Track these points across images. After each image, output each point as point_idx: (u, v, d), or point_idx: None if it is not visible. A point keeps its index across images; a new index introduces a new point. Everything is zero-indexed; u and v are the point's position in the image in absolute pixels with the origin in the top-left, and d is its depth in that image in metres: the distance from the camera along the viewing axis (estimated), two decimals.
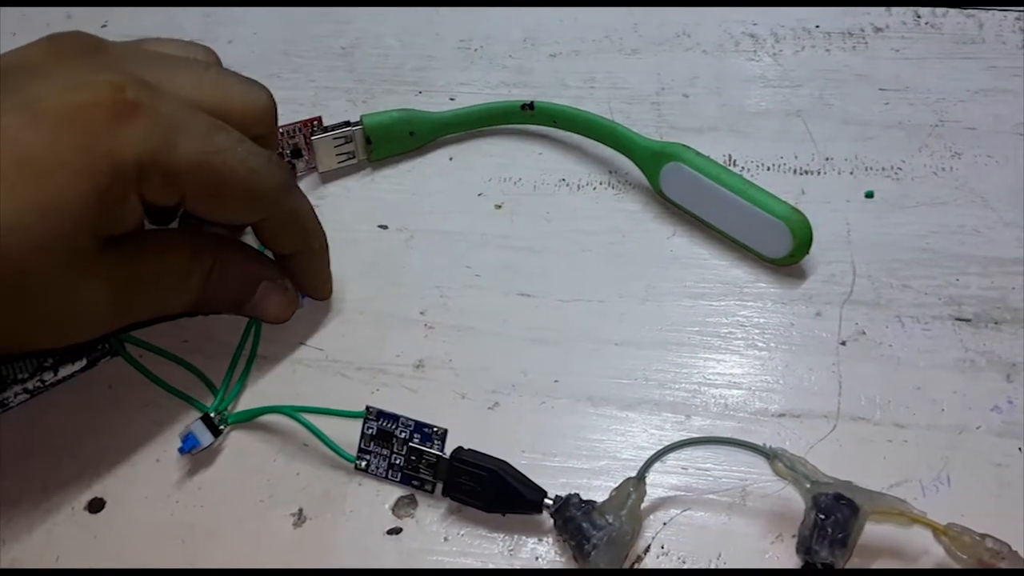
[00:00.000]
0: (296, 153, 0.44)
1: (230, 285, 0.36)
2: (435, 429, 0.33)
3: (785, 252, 0.38)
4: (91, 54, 0.33)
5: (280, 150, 0.43)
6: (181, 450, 0.34)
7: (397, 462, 0.33)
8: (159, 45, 0.36)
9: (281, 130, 0.43)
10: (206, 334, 0.39)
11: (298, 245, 0.37)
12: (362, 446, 0.34)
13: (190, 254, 0.35)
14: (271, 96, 0.36)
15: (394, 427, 0.33)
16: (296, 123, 0.43)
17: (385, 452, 0.33)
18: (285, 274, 0.38)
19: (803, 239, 0.38)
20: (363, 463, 0.34)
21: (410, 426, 0.33)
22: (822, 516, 0.30)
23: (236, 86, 0.35)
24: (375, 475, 0.34)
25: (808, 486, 0.31)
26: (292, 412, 0.34)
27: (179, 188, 0.32)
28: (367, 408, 0.34)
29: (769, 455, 0.32)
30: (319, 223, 0.37)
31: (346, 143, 0.44)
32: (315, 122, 0.44)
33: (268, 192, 0.34)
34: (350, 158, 0.44)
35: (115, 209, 0.31)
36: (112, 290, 0.32)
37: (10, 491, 0.34)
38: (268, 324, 0.38)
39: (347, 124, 0.44)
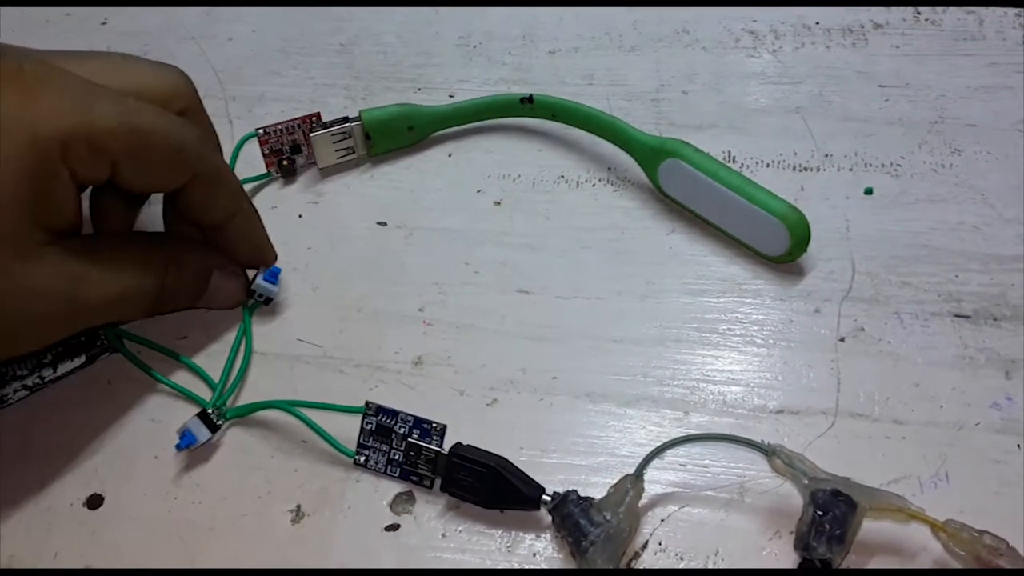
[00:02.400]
0: (295, 149, 0.44)
1: (186, 281, 0.36)
2: (434, 425, 0.33)
3: (782, 250, 0.38)
4: None
5: (279, 146, 0.43)
6: (179, 446, 0.34)
7: (396, 457, 0.33)
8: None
9: (280, 126, 0.43)
10: (205, 331, 0.39)
11: (231, 207, 0.36)
12: (361, 441, 0.34)
13: (143, 255, 0.35)
14: (183, 74, 0.36)
15: (393, 423, 0.33)
16: (295, 119, 0.43)
17: (384, 447, 0.33)
18: (232, 262, 0.38)
19: (800, 238, 0.38)
20: (362, 458, 0.34)
21: (409, 422, 0.33)
22: (820, 512, 0.30)
23: (145, 67, 0.35)
24: (374, 470, 0.34)
25: (806, 482, 0.31)
26: (290, 407, 0.34)
27: (107, 154, 0.31)
28: (366, 403, 0.34)
29: (767, 451, 0.32)
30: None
31: (345, 139, 0.44)
32: (314, 118, 0.44)
33: (190, 146, 0.33)
34: (349, 153, 0.44)
35: (48, 189, 0.30)
36: (62, 285, 0.31)
37: (9, 487, 0.34)
38: (257, 322, 0.39)
39: (346, 120, 0.44)
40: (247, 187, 0.43)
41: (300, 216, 0.43)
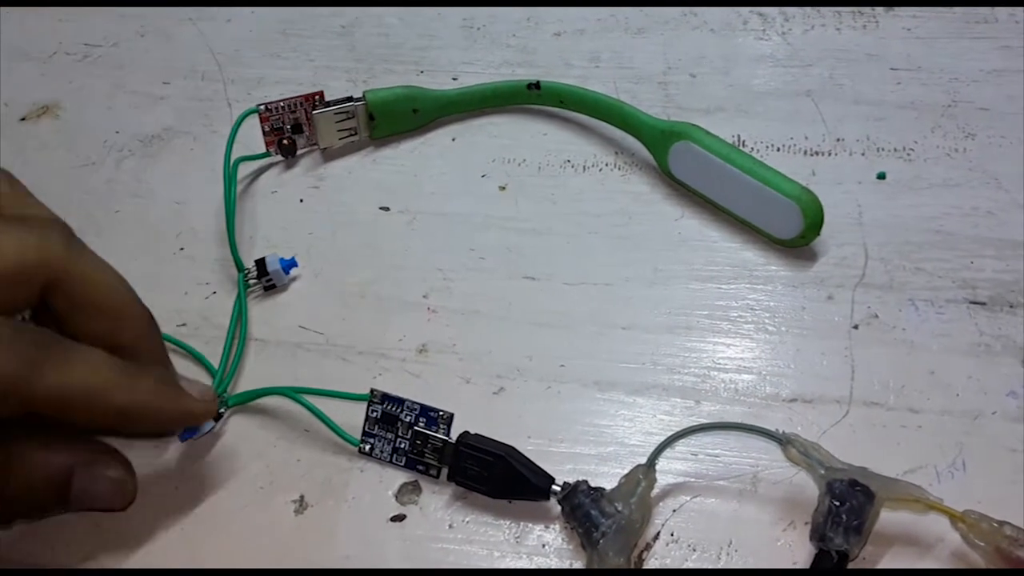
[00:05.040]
0: (297, 128, 0.43)
1: (23, 485, 0.29)
2: (441, 413, 0.32)
3: (796, 233, 0.38)
4: None
5: (281, 124, 0.42)
6: (182, 437, 0.33)
7: (402, 446, 0.33)
8: None
9: (282, 103, 0.42)
10: (203, 318, 0.38)
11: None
12: (366, 429, 0.33)
13: None
14: (51, 235, 0.28)
15: (399, 410, 0.33)
16: (298, 97, 0.42)
17: (390, 436, 0.33)
18: (107, 450, 0.31)
19: (814, 219, 0.37)
20: (367, 447, 0.33)
21: (415, 410, 0.32)
22: (836, 502, 0.29)
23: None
24: (379, 459, 0.33)
25: (822, 472, 0.30)
26: (293, 394, 0.34)
27: None
28: (372, 391, 0.33)
29: (782, 441, 0.31)
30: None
31: (348, 119, 0.43)
32: (317, 97, 0.43)
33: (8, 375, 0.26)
34: (352, 135, 0.44)
35: None
36: None
37: None
38: (257, 309, 0.38)
39: (350, 99, 0.43)
40: (249, 166, 0.42)
41: (301, 201, 0.42)
